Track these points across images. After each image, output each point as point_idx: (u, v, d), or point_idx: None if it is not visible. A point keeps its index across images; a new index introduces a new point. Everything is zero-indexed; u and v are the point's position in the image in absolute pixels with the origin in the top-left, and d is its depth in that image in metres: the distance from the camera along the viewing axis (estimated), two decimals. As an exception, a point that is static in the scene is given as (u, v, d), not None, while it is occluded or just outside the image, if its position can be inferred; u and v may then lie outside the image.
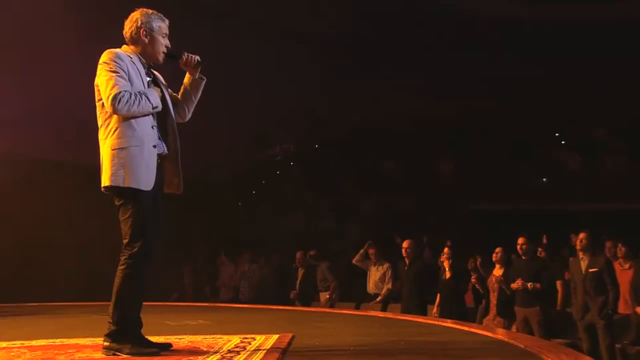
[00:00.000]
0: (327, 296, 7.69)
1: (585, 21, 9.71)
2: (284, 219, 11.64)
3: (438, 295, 6.42)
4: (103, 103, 2.83)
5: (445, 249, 6.43)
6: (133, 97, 2.77)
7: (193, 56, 3.05)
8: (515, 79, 10.16)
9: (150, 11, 2.98)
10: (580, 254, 5.51)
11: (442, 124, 11.68)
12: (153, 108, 2.87)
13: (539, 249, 6.41)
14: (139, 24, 2.94)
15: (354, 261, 7.58)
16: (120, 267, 2.79)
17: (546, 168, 11.33)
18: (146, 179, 2.80)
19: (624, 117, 10.54)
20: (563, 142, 11.79)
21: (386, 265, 7.33)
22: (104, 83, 2.80)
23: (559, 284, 6.29)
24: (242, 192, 12.77)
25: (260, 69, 9.21)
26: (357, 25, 9.62)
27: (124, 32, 2.99)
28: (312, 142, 13.63)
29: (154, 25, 2.96)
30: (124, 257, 2.80)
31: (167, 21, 3.02)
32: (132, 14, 2.98)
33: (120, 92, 2.75)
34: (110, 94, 2.75)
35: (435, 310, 6.35)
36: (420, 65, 9.92)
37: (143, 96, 2.82)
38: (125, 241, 2.81)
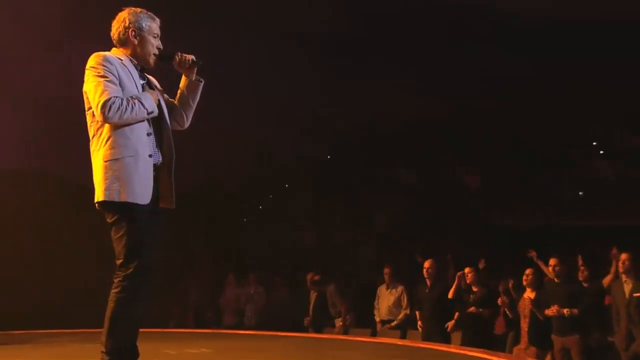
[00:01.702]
0: (341, 322, 7.60)
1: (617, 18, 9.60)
2: (292, 235, 11.60)
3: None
4: (94, 112, 2.80)
5: (467, 270, 6.37)
6: (125, 102, 2.74)
7: (187, 56, 3.00)
8: (543, 80, 10.09)
9: (138, 10, 2.96)
10: (623, 277, 5.42)
11: (464, 130, 11.62)
12: (148, 113, 2.83)
13: (582, 268, 6.27)
14: (126, 24, 2.93)
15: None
16: (113, 291, 2.74)
17: (582, 180, 11.20)
18: (143, 192, 2.77)
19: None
20: (601, 152, 11.65)
21: (400, 289, 7.18)
22: (92, 89, 2.77)
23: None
24: (247, 206, 12.76)
25: (261, 73, 9.28)
26: (368, 28, 9.67)
27: (111, 34, 2.98)
28: (322, 151, 13.61)
29: (143, 24, 2.93)
30: (117, 280, 2.75)
31: (158, 20, 3.00)
32: (120, 14, 2.96)
33: (110, 99, 2.72)
34: (99, 101, 2.72)
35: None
36: (439, 70, 9.92)
37: (136, 101, 2.78)
38: (119, 262, 2.76)
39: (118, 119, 2.73)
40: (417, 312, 6.69)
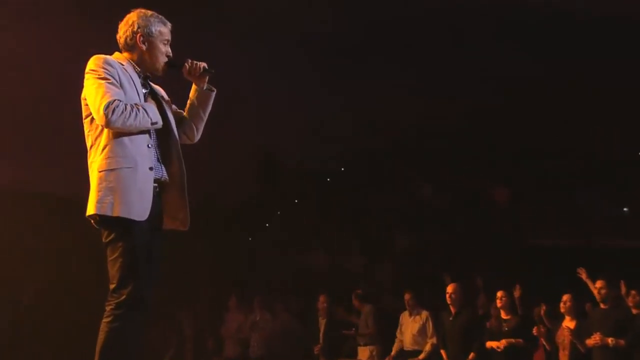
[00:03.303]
0: (369, 352, 7.49)
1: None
2: (303, 257, 11.58)
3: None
4: (92, 119, 2.79)
5: (499, 294, 6.29)
6: (129, 108, 2.73)
7: (198, 63, 2.99)
8: (583, 82, 10.01)
9: (149, 13, 2.96)
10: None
11: (494, 140, 11.55)
12: (152, 124, 2.82)
13: (633, 292, 6.14)
14: (135, 28, 2.92)
15: None
16: (105, 320, 2.71)
17: (627, 195, 11.08)
18: (140, 207, 2.74)
19: None
20: None
21: (424, 315, 7.21)
22: (93, 92, 2.76)
23: None
24: (252, 224, 12.75)
25: (262, 77, 9.35)
26: (368, 28, 9.74)
27: (117, 37, 2.97)
28: (334, 163, 13.60)
29: (153, 29, 2.93)
30: (109, 307, 2.72)
31: (169, 25, 3.00)
32: (128, 16, 2.96)
33: (113, 101, 2.70)
34: (101, 104, 2.70)
35: None
36: (446, 71, 9.93)
37: (140, 108, 2.77)
38: (112, 286, 2.73)
39: (121, 125, 2.71)
40: (440, 347, 6.60)
